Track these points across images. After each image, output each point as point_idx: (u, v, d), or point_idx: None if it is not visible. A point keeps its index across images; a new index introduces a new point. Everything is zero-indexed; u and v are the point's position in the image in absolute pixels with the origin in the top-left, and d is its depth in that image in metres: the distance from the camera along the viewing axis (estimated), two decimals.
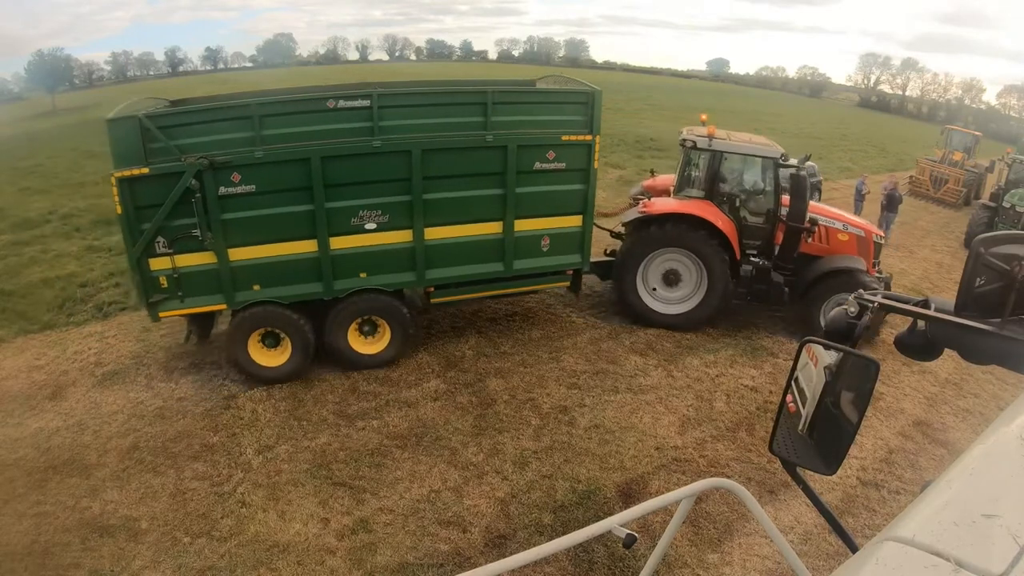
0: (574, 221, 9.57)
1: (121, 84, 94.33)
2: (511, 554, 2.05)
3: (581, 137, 9.14)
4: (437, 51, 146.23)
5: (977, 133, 30.22)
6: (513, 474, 7.40)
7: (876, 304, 2.31)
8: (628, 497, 7.11)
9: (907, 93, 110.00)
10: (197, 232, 8.47)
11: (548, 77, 11.40)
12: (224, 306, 9.04)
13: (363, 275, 9.13)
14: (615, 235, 12.02)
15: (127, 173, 8.10)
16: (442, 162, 8.79)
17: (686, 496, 2.54)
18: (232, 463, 7.60)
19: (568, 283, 10.28)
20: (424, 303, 9.97)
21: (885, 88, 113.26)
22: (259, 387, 9.04)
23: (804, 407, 2.39)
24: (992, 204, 18.53)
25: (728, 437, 8.35)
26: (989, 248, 2.04)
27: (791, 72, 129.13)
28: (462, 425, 8.24)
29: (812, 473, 2.34)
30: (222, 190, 8.40)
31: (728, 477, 7.49)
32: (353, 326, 9.45)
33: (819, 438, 2.31)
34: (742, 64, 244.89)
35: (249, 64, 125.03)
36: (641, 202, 10.88)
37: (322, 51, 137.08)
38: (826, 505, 2.44)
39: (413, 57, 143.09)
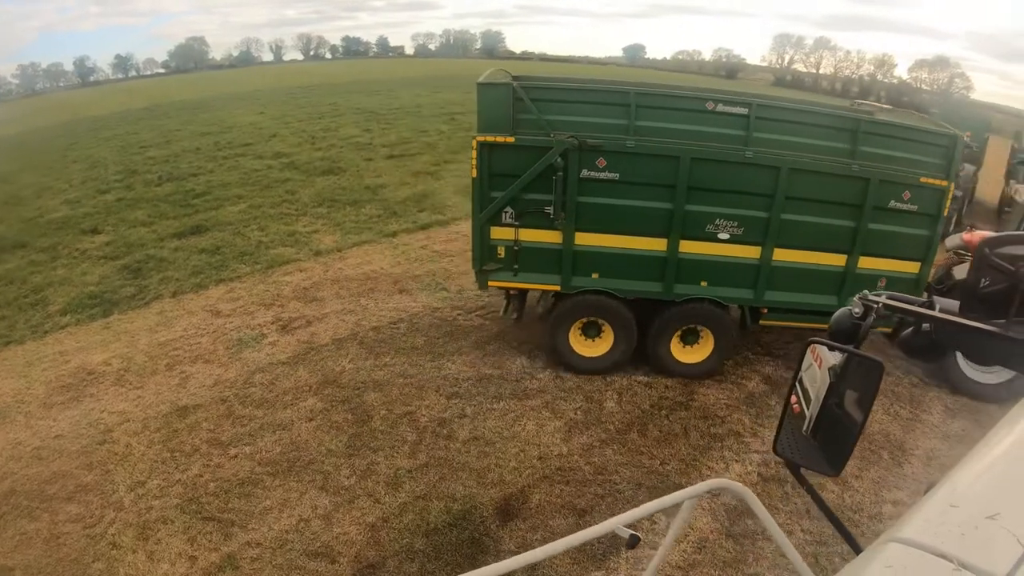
0: (912, 267, 9.12)
1: (30, 97, 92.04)
2: None
3: (938, 181, 8.66)
4: (353, 48, 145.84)
5: (886, 107, 30.79)
6: (386, 496, 7.18)
7: (881, 305, 2.30)
8: (506, 515, 6.95)
9: (821, 71, 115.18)
10: (549, 210, 8.54)
11: (862, 103, 11.12)
12: (558, 287, 9.06)
13: (704, 283, 8.92)
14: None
15: (490, 138, 8.32)
16: (805, 184, 8.46)
17: (689, 497, 2.57)
18: (105, 502, 7.24)
19: (891, 329, 9.50)
20: (746, 322, 9.69)
21: (799, 67, 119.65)
22: (135, 420, 8.61)
23: (808, 408, 2.38)
24: None
25: (618, 440, 8.22)
26: (994, 249, 2.07)
27: (707, 55, 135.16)
28: (336, 446, 7.97)
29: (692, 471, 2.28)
30: (584, 172, 8.40)
31: (616, 484, 7.45)
32: (677, 332, 9.34)
33: (823, 439, 2.31)
34: (658, 49, 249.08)
35: (162, 70, 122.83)
36: None
37: (236, 53, 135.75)
38: (829, 506, 2.46)
39: (328, 56, 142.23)
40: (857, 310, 2.30)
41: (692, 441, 8.34)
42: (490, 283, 9.11)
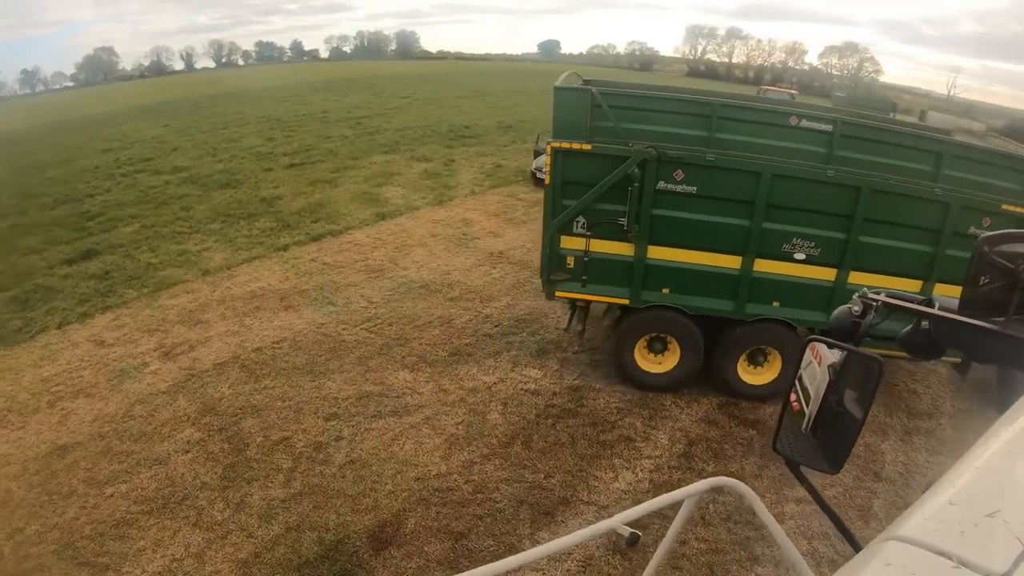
0: None
1: None
2: None
3: (1019, 208, 8.23)
4: (266, 54, 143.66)
5: (793, 91, 31.72)
6: (259, 529, 7.09)
7: (880, 303, 2.36)
8: (379, 543, 6.90)
9: (733, 60, 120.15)
10: (623, 221, 8.39)
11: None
12: (626, 301, 8.92)
13: (776, 304, 8.74)
14: None
15: (566, 145, 8.18)
16: (885, 206, 8.12)
17: (689, 496, 2.67)
18: None
19: (958, 359, 8.89)
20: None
21: (712, 57, 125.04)
22: (15, 462, 8.41)
23: (808, 406, 2.42)
24: None
25: (500, 455, 8.18)
26: (993, 247, 2.10)
27: (621, 48, 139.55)
28: (210, 479, 7.86)
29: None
30: (661, 184, 8.23)
31: (496, 502, 7.45)
32: (745, 353, 9.20)
33: (823, 437, 2.34)
34: (573, 44, 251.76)
35: (71, 83, 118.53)
36: None
37: (146, 63, 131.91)
38: (829, 504, 2.50)
39: (241, 62, 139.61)
40: (856, 308, 2.39)
41: (579, 450, 8.30)
42: (558, 294, 9.02)
